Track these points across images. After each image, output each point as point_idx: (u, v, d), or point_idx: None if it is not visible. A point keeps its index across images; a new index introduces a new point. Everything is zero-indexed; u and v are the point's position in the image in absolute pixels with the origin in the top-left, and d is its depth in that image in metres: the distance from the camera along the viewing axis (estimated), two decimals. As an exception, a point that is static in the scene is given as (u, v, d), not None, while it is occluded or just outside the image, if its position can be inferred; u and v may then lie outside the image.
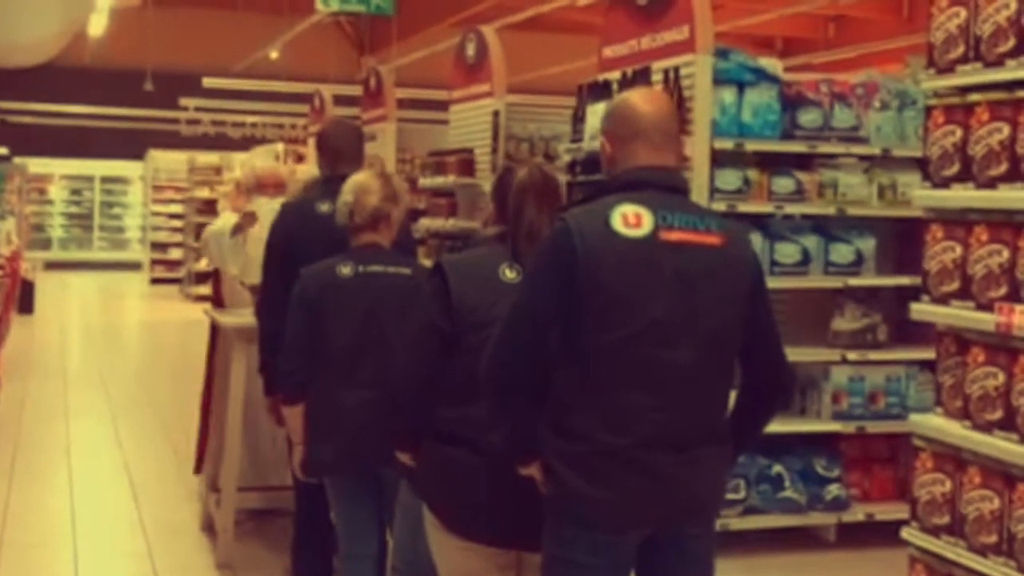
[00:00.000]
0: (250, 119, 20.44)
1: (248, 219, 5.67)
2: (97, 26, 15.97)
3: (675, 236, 2.47)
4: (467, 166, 6.83)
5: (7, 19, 14.35)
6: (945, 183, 3.17)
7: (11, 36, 15.93)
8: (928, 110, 3.22)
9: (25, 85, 19.88)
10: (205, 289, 15.74)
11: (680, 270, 2.45)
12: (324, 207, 3.96)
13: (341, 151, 4.22)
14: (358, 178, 3.62)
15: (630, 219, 2.45)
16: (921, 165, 3.33)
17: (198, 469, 5.63)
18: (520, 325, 2.49)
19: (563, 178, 6.43)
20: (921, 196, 3.28)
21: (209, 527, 5.20)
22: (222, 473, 5.04)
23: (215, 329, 5.49)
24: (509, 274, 2.77)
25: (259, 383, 4.69)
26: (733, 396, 2.64)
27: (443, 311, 2.70)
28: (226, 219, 6.23)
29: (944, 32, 3.16)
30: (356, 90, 11.00)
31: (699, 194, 4.67)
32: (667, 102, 2.73)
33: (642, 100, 2.62)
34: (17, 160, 19.41)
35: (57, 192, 23.72)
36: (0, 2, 13.17)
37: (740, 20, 14.47)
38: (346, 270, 3.50)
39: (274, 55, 17.59)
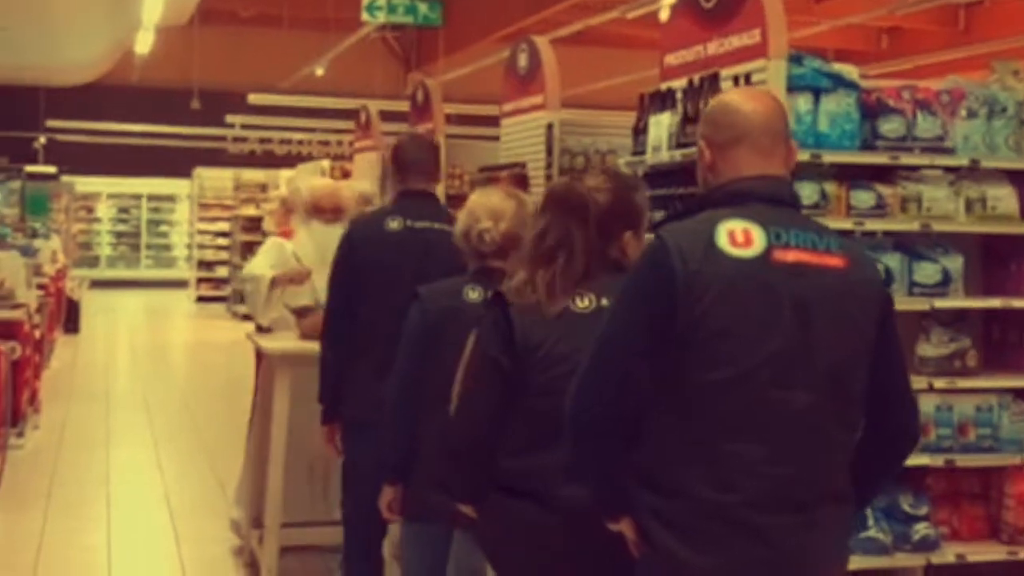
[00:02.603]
0: (296, 136, 20.35)
1: (298, 276, 5.22)
2: (144, 44, 15.91)
3: (792, 256, 2.15)
4: (520, 182, 6.52)
5: (55, 38, 14.35)
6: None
7: (59, 55, 15.94)
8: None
9: (72, 104, 19.91)
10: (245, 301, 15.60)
11: (798, 296, 2.13)
12: (394, 224, 3.80)
13: (413, 165, 4.00)
14: (491, 201, 3.24)
15: (738, 237, 2.14)
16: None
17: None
18: (608, 359, 2.17)
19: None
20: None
21: (250, 563, 4.94)
22: (266, 509, 4.77)
23: (260, 354, 5.24)
24: (580, 304, 2.46)
25: (299, 411, 4.46)
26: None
27: (505, 347, 2.43)
28: (266, 256, 5.58)
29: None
30: (403, 106, 10.78)
31: (773, 210, 4.33)
32: (774, 100, 2.41)
33: (745, 99, 2.34)
34: (65, 179, 19.48)
35: (104, 210, 23.80)
36: (47, 22, 13.13)
37: (792, 32, 14.10)
38: (475, 295, 3.12)
39: (320, 72, 17.46)
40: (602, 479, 2.23)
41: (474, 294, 3.13)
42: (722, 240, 2.13)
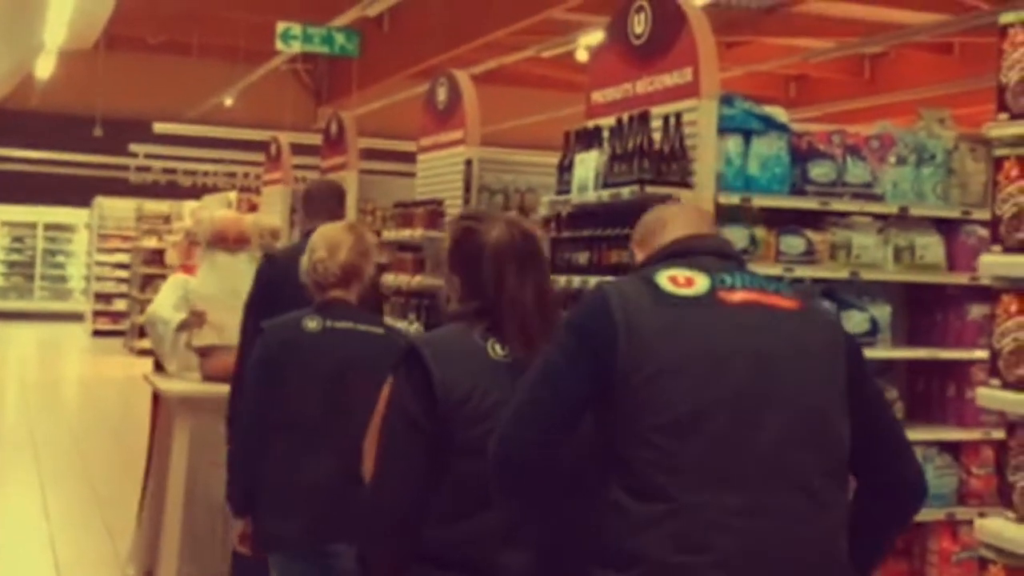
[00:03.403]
0: (202, 167, 19.90)
1: (197, 319, 5.01)
2: (45, 69, 15.42)
3: (739, 296, 2.01)
4: (436, 218, 6.33)
5: (-51, 60, 13.79)
6: (1020, 247, 2.71)
7: (-46, 78, 15.35)
8: (998, 162, 2.76)
9: (-33, 128, 19.22)
10: (150, 343, 15.10)
11: (751, 334, 1.97)
12: (313, 324, 3.77)
13: (316, 206, 4.24)
14: (328, 233, 3.39)
15: (680, 280, 2.01)
16: (991, 227, 2.86)
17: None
18: (536, 406, 1.98)
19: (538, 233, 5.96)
20: (989, 263, 2.82)
21: (141, 622, 4.60)
22: (160, 563, 4.45)
23: (157, 395, 4.94)
24: (500, 351, 2.25)
25: (200, 456, 4.23)
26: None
27: (426, 407, 2.18)
28: (169, 294, 5.43)
29: (1020, 72, 2.71)
30: (314, 139, 10.57)
31: (702, 254, 4.19)
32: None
33: (664, 206, 2.40)
34: (-43, 205, 18.74)
35: (-3, 239, 22.96)
36: (-58, 42, 12.61)
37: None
38: (313, 324, 3.23)
39: (229, 102, 17.11)
40: (544, 556, 2.02)
41: (313, 324, 3.22)
42: (663, 282, 2.02)
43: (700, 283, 2.01)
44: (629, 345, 1.94)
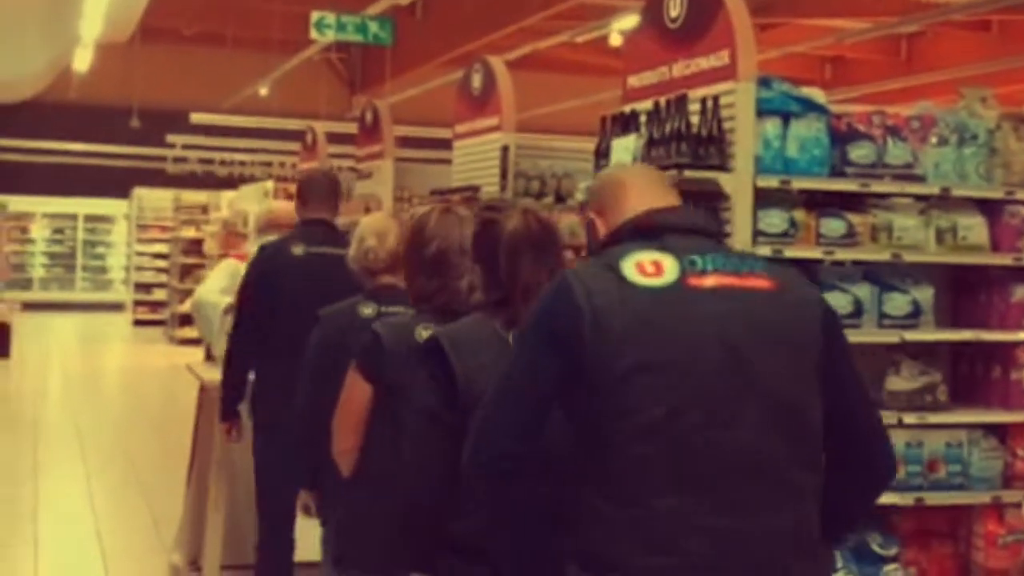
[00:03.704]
0: (239, 157, 20.00)
1: None
2: (82, 62, 15.56)
3: (709, 281, 1.93)
4: (473, 205, 6.33)
5: (-11, 54, 13.96)
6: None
7: (-7, 71, 15.52)
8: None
9: (8, 121, 19.44)
10: (190, 332, 15.19)
11: (723, 324, 1.90)
12: (297, 250, 4.23)
13: (311, 196, 4.45)
14: (374, 222, 3.59)
15: (647, 267, 1.93)
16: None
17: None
18: (504, 408, 1.96)
19: (573, 220, 5.94)
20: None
21: (187, 609, 4.65)
22: (205, 552, 4.50)
23: (202, 384, 4.98)
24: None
25: (240, 449, 4.30)
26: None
27: (447, 399, 2.21)
28: (219, 278, 5.52)
29: (1066, 49, 2.67)
30: (348, 127, 10.58)
31: (741, 237, 4.17)
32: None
33: (614, 170, 2.36)
34: (-2, 198, 18.95)
35: (39, 231, 23.19)
36: (-20, 37, 12.76)
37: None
38: (368, 311, 3.36)
39: (264, 92, 17.18)
40: (518, 546, 2.03)
41: (368, 310, 3.36)
42: (630, 272, 1.93)
43: (669, 270, 1.94)
44: (596, 342, 1.88)
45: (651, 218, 2.04)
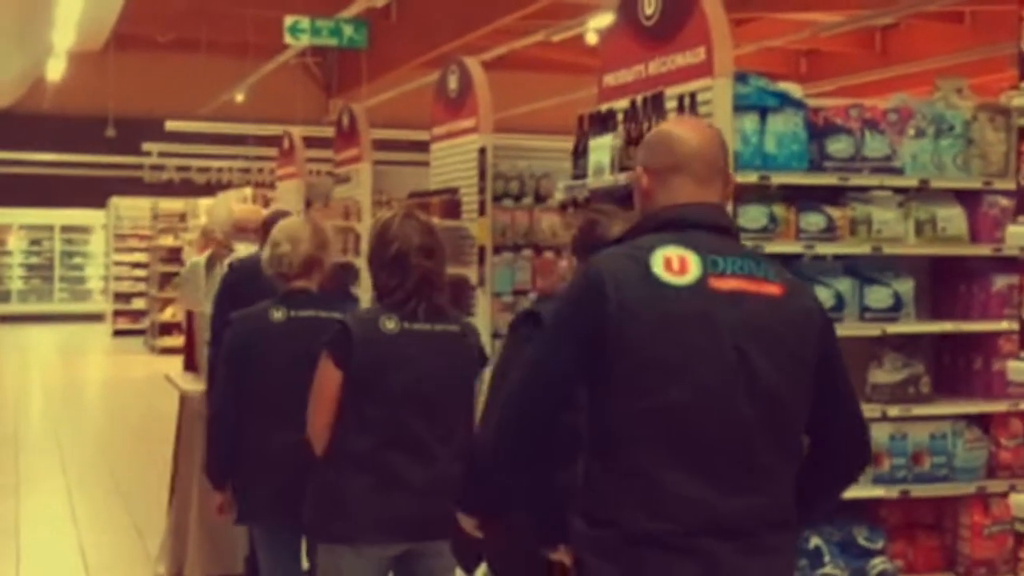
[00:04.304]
0: (215, 164, 19.91)
1: (221, 251, 5.25)
2: (55, 71, 15.44)
3: (728, 284, 2.13)
4: (452, 207, 6.31)
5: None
6: (1046, 218, 2.67)
7: (-35, 83, 15.39)
8: (1022, 131, 2.71)
9: (-19, 133, 19.26)
10: (171, 341, 15.11)
11: (736, 324, 2.11)
12: (278, 315, 4.07)
13: None
14: (288, 227, 3.69)
15: (674, 264, 2.12)
16: (1017, 197, 2.82)
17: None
18: (539, 385, 2.17)
19: (554, 220, 5.92)
20: (1015, 233, 2.78)
21: (172, 622, 4.61)
22: (188, 562, 4.46)
23: (182, 395, 4.94)
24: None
25: None
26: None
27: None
28: (204, 255, 5.79)
29: (1042, 39, 2.67)
30: (325, 132, 10.56)
31: (721, 235, 4.16)
32: (715, 133, 2.42)
33: (686, 129, 2.36)
34: (-27, 211, 18.80)
35: (16, 242, 23.03)
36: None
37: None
38: (278, 315, 3.55)
39: (239, 98, 17.10)
40: (536, 508, 2.25)
41: (279, 314, 3.55)
42: (657, 267, 2.11)
43: (693, 268, 2.11)
44: (620, 331, 2.07)
45: (681, 213, 2.21)
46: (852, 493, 4.48)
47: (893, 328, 4.54)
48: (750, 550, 2.10)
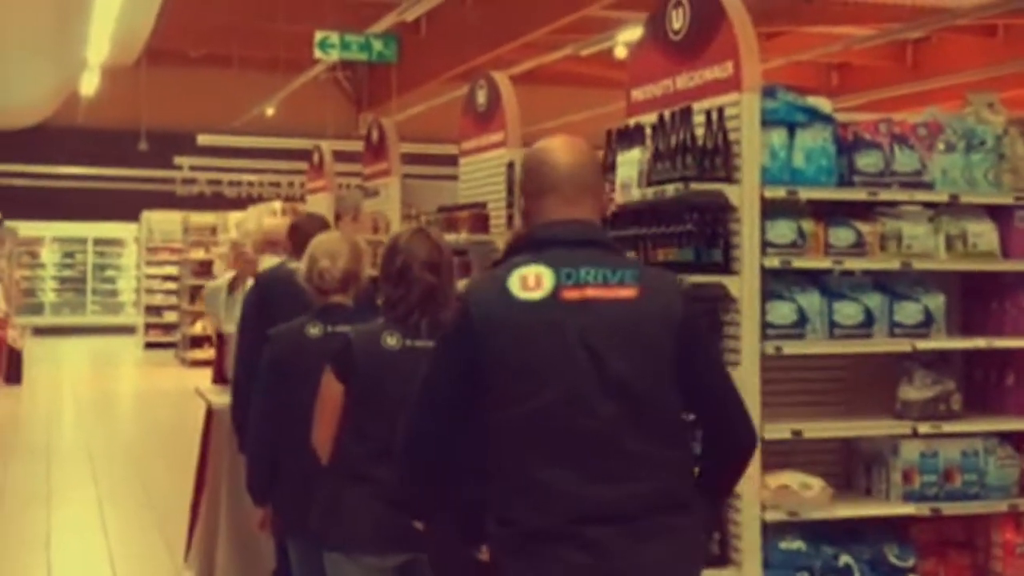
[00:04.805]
0: (246, 177, 20.03)
1: (247, 269, 5.28)
2: (89, 86, 15.61)
3: (577, 294, 2.35)
4: (481, 222, 6.30)
5: (-3, 80, 14.00)
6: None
7: (1, 98, 15.57)
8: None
9: (16, 147, 19.50)
10: (202, 353, 15.20)
11: (585, 331, 2.33)
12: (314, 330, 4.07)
13: (304, 240, 4.30)
14: (328, 244, 3.73)
15: (530, 281, 2.35)
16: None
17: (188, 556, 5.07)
18: (426, 407, 2.42)
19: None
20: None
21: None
22: (216, 574, 4.47)
23: (211, 408, 4.96)
24: None
25: None
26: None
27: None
28: (227, 276, 5.80)
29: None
30: (356, 145, 10.58)
31: (749, 249, 4.14)
32: (587, 152, 2.57)
33: (558, 150, 2.51)
34: (8, 224, 19.00)
35: (49, 255, 23.26)
36: (-12, 63, 12.81)
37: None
38: (315, 331, 3.60)
39: (270, 112, 17.22)
40: (452, 511, 2.47)
41: (315, 330, 3.60)
42: (514, 286, 2.34)
43: (546, 283, 2.34)
44: (485, 347, 2.32)
45: (543, 232, 2.43)
46: (882, 510, 4.48)
47: (923, 344, 4.50)
48: (639, 533, 2.28)
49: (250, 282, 5.26)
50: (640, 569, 2.30)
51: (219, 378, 5.46)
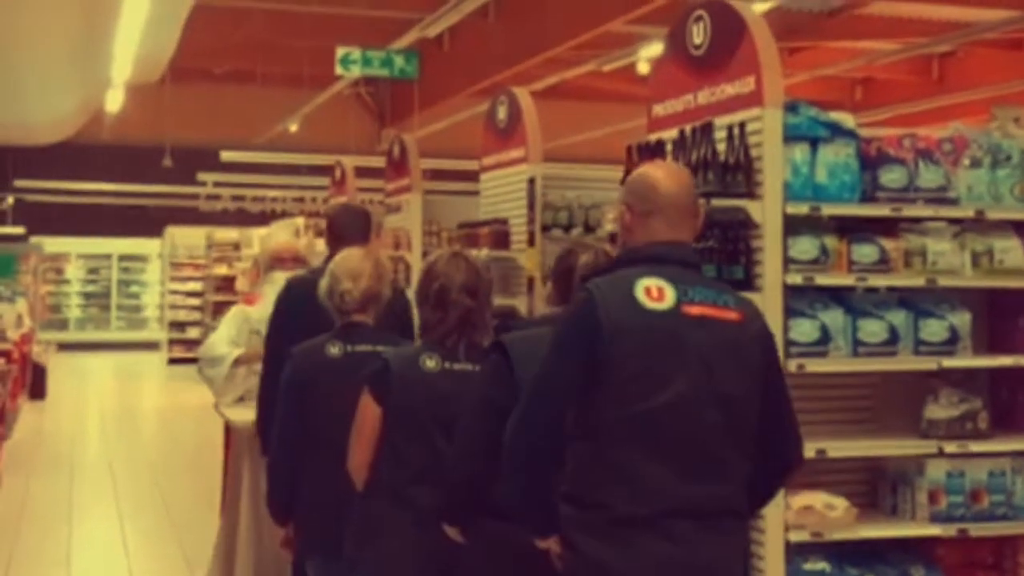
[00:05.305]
0: (270, 193, 20.11)
1: (257, 356, 5.02)
2: (114, 103, 15.71)
3: (696, 310, 2.58)
4: (501, 238, 6.28)
5: (23, 98, 14.11)
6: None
7: (28, 115, 15.70)
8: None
9: (42, 163, 19.64)
10: (201, 377, 15.20)
11: (702, 344, 2.56)
12: (335, 349, 3.97)
13: (344, 231, 4.37)
14: (349, 262, 3.70)
15: (653, 292, 2.56)
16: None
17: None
18: (545, 396, 2.57)
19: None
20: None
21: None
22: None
23: (229, 427, 4.94)
24: None
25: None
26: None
27: (506, 389, 2.75)
28: (229, 327, 5.48)
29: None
30: (378, 161, 10.60)
31: (771, 265, 4.10)
32: (688, 179, 2.81)
33: (664, 176, 2.74)
34: (33, 240, 19.14)
35: (74, 271, 23.40)
36: (15, 80, 12.91)
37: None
38: (335, 350, 3.59)
39: (293, 128, 17.28)
40: (535, 503, 2.59)
41: (335, 349, 3.59)
42: (640, 294, 2.56)
43: (669, 296, 2.57)
44: (611, 347, 2.50)
45: (658, 250, 2.66)
46: (908, 531, 4.41)
47: (949, 362, 4.44)
48: (707, 530, 2.53)
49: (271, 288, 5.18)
50: (709, 563, 2.55)
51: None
